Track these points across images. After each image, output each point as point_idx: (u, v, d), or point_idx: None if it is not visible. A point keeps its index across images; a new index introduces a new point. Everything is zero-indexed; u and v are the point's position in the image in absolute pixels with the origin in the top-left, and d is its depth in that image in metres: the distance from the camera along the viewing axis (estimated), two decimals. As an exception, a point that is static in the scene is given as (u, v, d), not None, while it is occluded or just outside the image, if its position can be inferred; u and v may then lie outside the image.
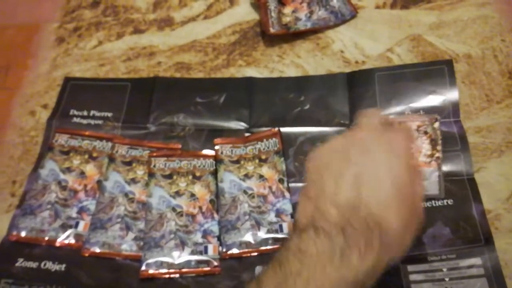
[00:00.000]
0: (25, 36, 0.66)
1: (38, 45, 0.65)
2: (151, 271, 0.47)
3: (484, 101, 0.54)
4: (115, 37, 0.65)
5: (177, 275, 0.47)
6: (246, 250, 0.48)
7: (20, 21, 0.67)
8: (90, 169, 0.54)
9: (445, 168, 0.50)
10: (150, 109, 0.57)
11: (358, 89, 0.56)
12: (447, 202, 0.48)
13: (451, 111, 0.52)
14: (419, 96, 0.54)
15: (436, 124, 0.51)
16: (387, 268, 0.33)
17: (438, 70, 0.55)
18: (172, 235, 0.49)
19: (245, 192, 0.51)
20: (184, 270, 0.47)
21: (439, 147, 0.50)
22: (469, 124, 0.53)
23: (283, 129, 0.54)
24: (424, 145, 0.51)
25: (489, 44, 0.58)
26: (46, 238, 0.50)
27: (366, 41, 0.60)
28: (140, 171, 0.53)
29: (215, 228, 0.49)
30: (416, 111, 0.53)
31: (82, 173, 0.53)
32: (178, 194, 0.51)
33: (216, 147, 0.54)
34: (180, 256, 0.48)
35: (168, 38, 0.64)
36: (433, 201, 0.48)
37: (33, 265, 0.48)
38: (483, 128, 0.53)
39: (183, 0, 0.68)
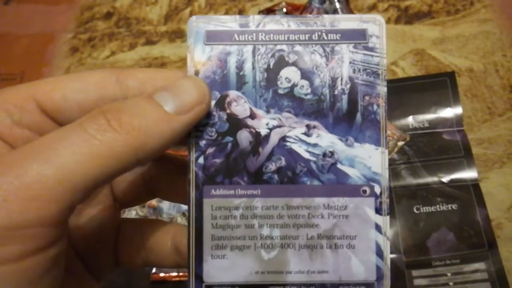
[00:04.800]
0: (40, 46, 0.68)
1: (53, 54, 0.67)
2: (162, 274, 0.49)
3: (486, 114, 0.56)
4: (127, 48, 0.67)
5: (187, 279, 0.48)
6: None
7: (35, 31, 0.69)
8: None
9: (450, 174, 0.51)
10: (161, 117, 0.59)
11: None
12: (451, 207, 0.50)
13: (454, 121, 0.54)
14: (423, 107, 0.56)
15: (400, 143, 0.54)
16: None
17: (440, 82, 0.57)
18: (183, 239, 0.50)
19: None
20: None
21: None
22: (471, 136, 0.55)
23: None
24: None
25: (490, 59, 0.60)
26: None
27: (372, 54, 0.62)
28: (151, 177, 0.54)
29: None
30: (420, 121, 0.55)
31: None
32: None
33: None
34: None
35: (179, 49, 0.67)
36: (437, 206, 0.50)
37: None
38: (485, 140, 0.54)
39: (193, 13, 0.70)
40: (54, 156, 0.18)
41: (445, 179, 0.51)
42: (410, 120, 0.55)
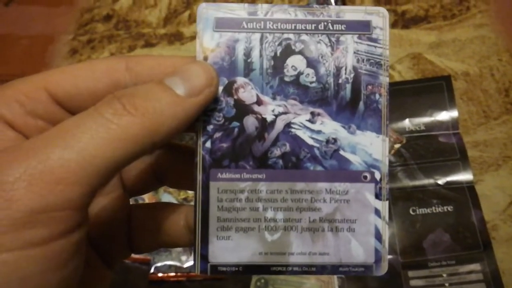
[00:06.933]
0: (40, 47, 0.68)
1: (52, 56, 0.67)
2: (159, 274, 0.49)
3: (481, 117, 0.57)
4: (126, 50, 0.67)
5: (185, 279, 0.49)
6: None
7: (35, 32, 0.70)
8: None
9: (445, 176, 0.52)
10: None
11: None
12: (447, 209, 0.50)
13: (450, 124, 0.55)
14: (419, 110, 0.56)
15: (397, 146, 0.54)
16: None
17: (437, 86, 0.58)
18: (181, 239, 0.50)
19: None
20: (191, 274, 0.49)
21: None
22: (467, 139, 0.55)
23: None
24: None
25: (486, 63, 0.61)
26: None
27: (369, 58, 0.63)
28: (150, 177, 0.55)
29: (221, 234, 0.51)
30: (416, 124, 0.55)
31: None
32: (186, 200, 0.53)
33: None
34: (188, 260, 0.49)
35: (177, 52, 0.67)
36: (433, 208, 0.50)
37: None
38: (481, 143, 0.55)
39: (192, 16, 0.70)
40: (74, 141, 0.19)
41: (441, 181, 0.52)
42: (406, 123, 0.56)
